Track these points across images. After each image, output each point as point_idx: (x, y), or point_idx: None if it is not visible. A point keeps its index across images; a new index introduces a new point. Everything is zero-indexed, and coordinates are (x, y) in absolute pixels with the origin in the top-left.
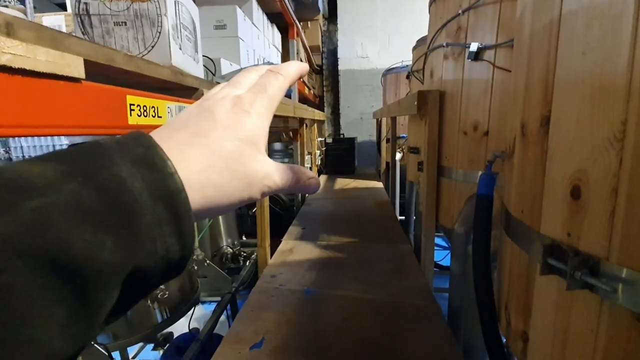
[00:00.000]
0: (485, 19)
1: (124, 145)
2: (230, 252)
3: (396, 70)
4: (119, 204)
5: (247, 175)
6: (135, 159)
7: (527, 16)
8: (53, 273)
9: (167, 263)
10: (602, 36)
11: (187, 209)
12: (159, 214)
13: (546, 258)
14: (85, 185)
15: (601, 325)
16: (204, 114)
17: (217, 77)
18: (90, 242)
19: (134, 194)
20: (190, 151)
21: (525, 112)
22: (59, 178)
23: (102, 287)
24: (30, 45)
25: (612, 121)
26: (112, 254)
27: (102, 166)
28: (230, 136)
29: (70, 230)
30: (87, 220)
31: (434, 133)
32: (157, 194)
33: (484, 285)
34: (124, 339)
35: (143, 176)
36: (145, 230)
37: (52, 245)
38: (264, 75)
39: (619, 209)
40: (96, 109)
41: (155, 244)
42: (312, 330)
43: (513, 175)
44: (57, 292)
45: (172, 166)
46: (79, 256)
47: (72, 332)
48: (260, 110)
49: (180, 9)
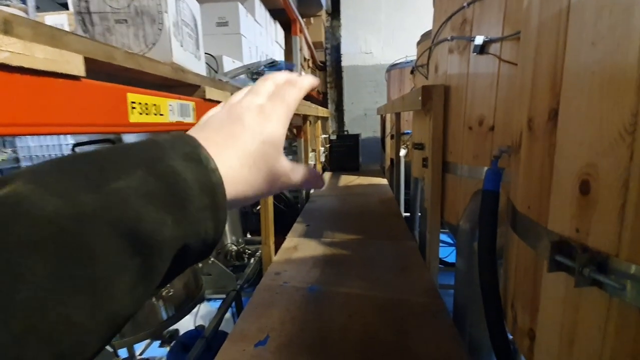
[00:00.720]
0: (491, 11)
1: (174, 143)
2: (235, 250)
3: (400, 65)
4: (175, 190)
5: (271, 173)
6: (185, 155)
7: (535, 7)
8: (128, 241)
9: (203, 243)
10: (613, 25)
11: (224, 200)
12: (204, 201)
13: (554, 255)
14: (149, 173)
15: (610, 322)
16: (234, 119)
17: (219, 74)
18: (156, 219)
19: (187, 183)
20: (226, 151)
21: (533, 106)
22: (131, 165)
23: (161, 257)
24: (28, 42)
25: (623, 113)
26: (171, 230)
27: (161, 159)
28: (257, 139)
29: (142, 208)
30: (152, 201)
31: (439, 128)
32: (203, 185)
33: (489, 282)
34: (130, 336)
35: (192, 170)
36: (194, 214)
37: (129, 220)
38: (282, 86)
39: (629, 204)
40: (97, 106)
41: (200, 226)
42: (317, 327)
43: (519, 171)
44: (130, 257)
45: (214, 163)
46: (148, 229)
47: (137, 293)
48: (280, 117)
49: (181, 5)
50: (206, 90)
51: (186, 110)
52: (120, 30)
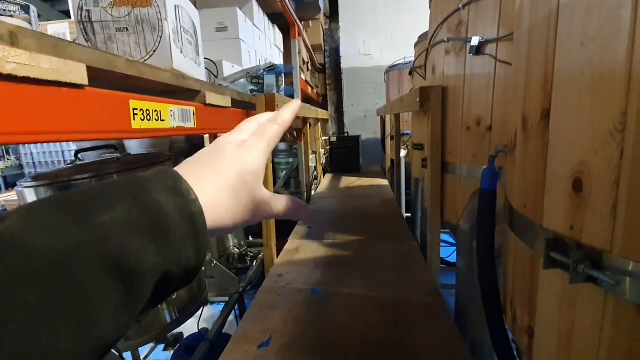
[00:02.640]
0: (486, 12)
1: (159, 177)
2: (237, 253)
3: (399, 66)
4: (158, 221)
5: (251, 202)
6: (167, 188)
7: (526, 8)
8: (112, 271)
9: (185, 270)
10: (601, 26)
11: (205, 228)
12: (185, 229)
13: (549, 252)
14: (134, 205)
15: (606, 318)
16: (216, 152)
17: (219, 79)
18: (139, 249)
19: (169, 213)
20: (206, 182)
21: (526, 106)
22: (117, 199)
23: (144, 285)
24: (34, 54)
25: (613, 112)
26: (153, 258)
27: (144, 192)
28: (237, 170)
29: (126, 239)
30: (136, 232)
31: (437, 129)
32: (184, 215)
33: (489, 281)
34: (135, 339)
35: (174, 201)
36: (175, 242)
37: (113, 252)
38: (264, 124)
39: (621, 201)
40: (100, 114)
41: (181, 253)
42: (319, 328)
43: (515, 170)
44: (115, 285)
45: (194, 194)
46: (132, 258)
47: (120, 319)
48: (260, 150)
49: (180, 13)
50: (206, 95)
51: (187, 116)
52: (121, 39)
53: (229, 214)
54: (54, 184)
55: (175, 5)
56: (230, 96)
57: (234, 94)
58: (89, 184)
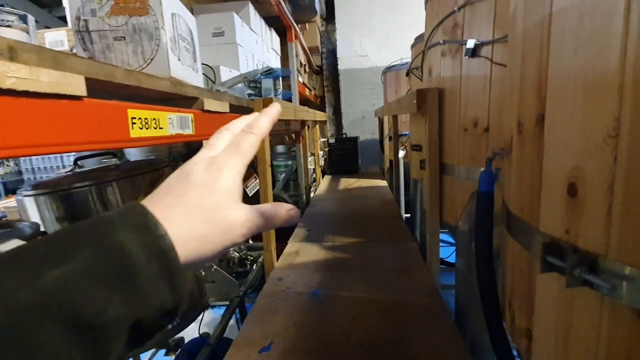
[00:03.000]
0: (481, 14)
1: (125, 216)
2: (237, 257)
3: (396, 67)
4: (120, 266)
5: (227, 223)
6: (133, 227)
7: (520, 14)
8: (73, 328)
9: (161, 312)
10: (593, 32)
11: (178, 263)
12: (153, 270)
13: (545, 255)
14: (94, 252)
15: (603, 321)
16: (183, 177)
17: (216, 84)
18: (100, 301)
19: (131, 256)
20: (173, 210)
21: (521, 110)
22: (75, 247)
23: (111, 337)
24: (33, 67)
25: (606, 118)
26: (118, 308)
27: (105, 235)
28: (207, 192)
29: (85, 292)
30: (96, 283)
31: (435, 130)
32: (151, 254)
33: (487, 283)
34: None
35: (140, 239)
36: (144, 286)
37: (71, 307)
38: (238, 134)
39: (615, 206)
40: (99, 124)
41: (151, 297)
42: (320, 331)
43: (512, 173)
44: (75, 344)
45: (162, 229)
46: (93, 313)
47: None
48: (233, 166)
49: (177, 20)
50: (204, 102)
51: (185, 123)
52: (119, 48)
53: (205, 242)
54: (54, 192)
55: (172, 13)
56: (228, 101)
57: (231, 99)
58: (88, 193)
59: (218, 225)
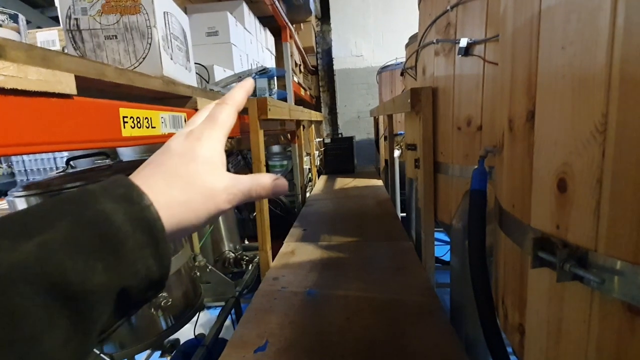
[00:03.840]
0: (473, 14)
1: (107, 187)
2: (233, 257)
3: (391, 67)
4: (105, 234)
5: (208, 188)
6: (117, 197)
7: (510, 12)
8: (54, 296)
9: (148, 282)
10: (581, 30)
11: (163, 234)
12: (139, 239)
13: (536, 251)
14: (76, 221)
15: (593, 315)
16: (163, 151)
17: (210, 84)
18: (82, 269)
19: (117, 224)
20: (153, 179)
21: (512, 107)
22: (56, 216)
23: (94, 306)
24: (22, 65)
25: (594, 114)
26: (102, 277)
27: (89, 205)
28: (185, 160)
29: (66, 260)
30: (79, 250)
31: (429, 129)
32: (137, 223)
33: (481, 280)
34: (131, 347)
35: (124, 210)
36: (129, 254)
37: (52, 274)
38: (214, 108)
39: (603, 200)
40: (89, 123)
41: (137, 266)
42: (316, 331)
43: (503, 170)
44: (59, 311)
45: (148, 199)
46: (74, 281)
47: (73, 345)
48: (211, 135)
49: (169, 19)
50: (198, 101)
51: (178, 122)
52: (110, 46)
53: (187, 209)
54: (46, 192)
55: (164, 12)
56: None
57: None
58: None
59: (199, 191)
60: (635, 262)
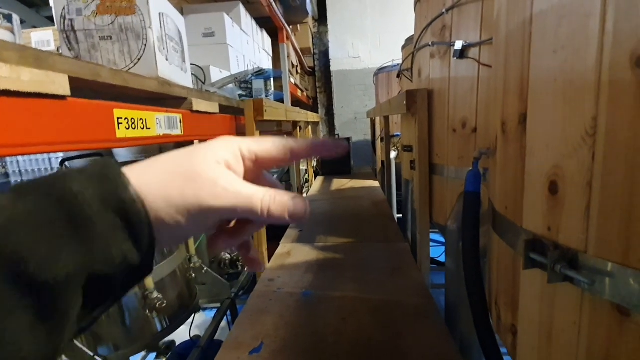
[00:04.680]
0: (468, 17)
1: (84, 168)
2: (228, 258)
3: (387, 69)
4: (70, 215)
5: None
6: (90, 175)
7: (503, 16)
8: (12, 282)
9: (127, 268)
10: (572, 34)
11: (142, 216)
12: (112, 221)
13: (528, 252)
14: (39, 200)
15: (583, 317)
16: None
17: (206, 85)
18: (44, 252)
19: (84, 204)
20: (143, 167)
21: (505, 110)
22: (15, 197)
23: (59, 293)
24: (14, 66)
25: (584, 117)
26: (66, 262)
27: (55, 184)
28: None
29: (27, 244)
30: (41, 232)
31: (424, 131)
32: (109, 204)
33: (474, 281)
34: (126, 348)
35: (95, 188)
36: (99, 238)
37: (10, 258)
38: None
39: (594, 203)
40: (83, 124)
41: (111, 249)
42: (311, 332)
43: (497, 172)
44: (21, 298)
45: (126, 179)
46: (35, 266)
47: (40, 335)
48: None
49: (165, 20)
50: (193, 102)
51: (174, 123)
52: (105, 47)
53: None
54: None
55: (159, 13)
56: (217, 102)
57: (221, 100)
58: None
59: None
60: (624, 263)
